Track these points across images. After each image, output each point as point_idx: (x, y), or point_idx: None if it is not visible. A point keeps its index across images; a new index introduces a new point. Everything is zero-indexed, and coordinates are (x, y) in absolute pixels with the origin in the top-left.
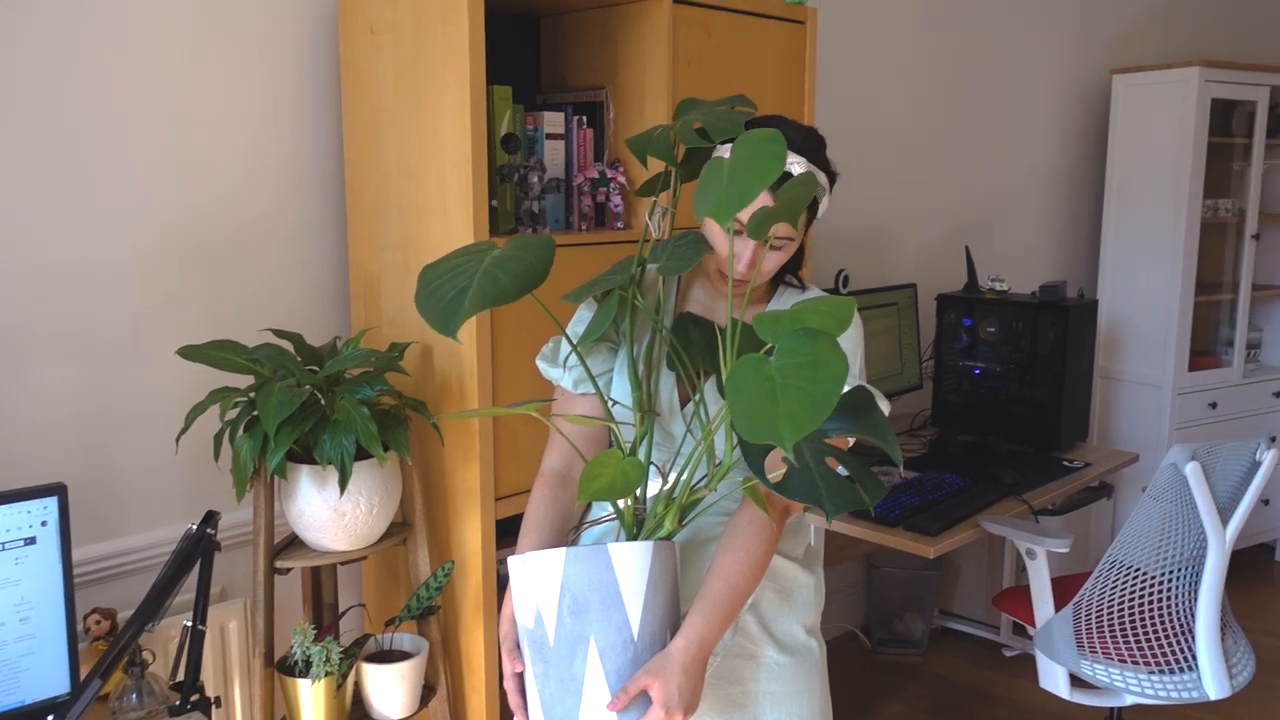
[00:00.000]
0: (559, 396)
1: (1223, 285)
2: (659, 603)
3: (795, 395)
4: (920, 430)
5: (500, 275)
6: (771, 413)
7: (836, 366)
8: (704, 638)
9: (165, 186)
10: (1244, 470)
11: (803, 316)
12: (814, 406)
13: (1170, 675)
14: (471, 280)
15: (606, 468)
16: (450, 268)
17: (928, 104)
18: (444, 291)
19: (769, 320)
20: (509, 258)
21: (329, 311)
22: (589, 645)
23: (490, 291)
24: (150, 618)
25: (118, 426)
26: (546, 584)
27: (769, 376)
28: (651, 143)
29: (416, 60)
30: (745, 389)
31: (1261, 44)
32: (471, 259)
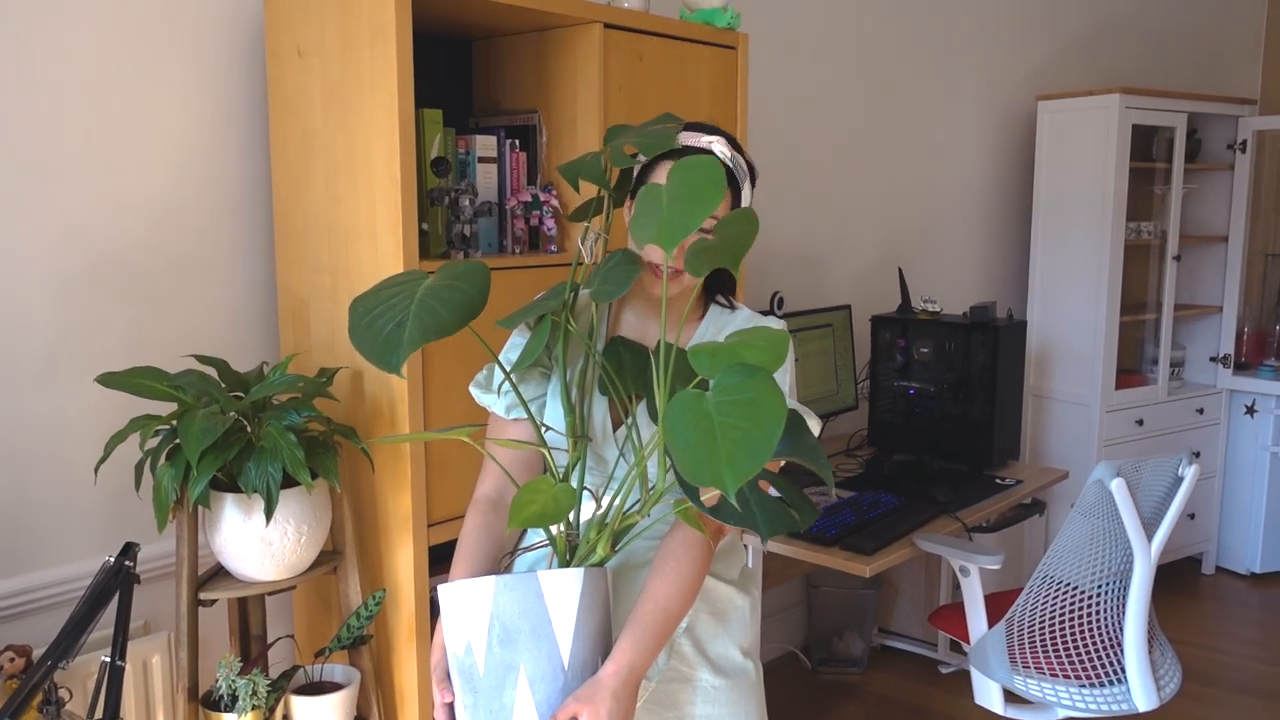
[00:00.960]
0: (492, 423)
1: (1147, 305)
2: (590, 630)
3: (735, 436)
4: (857, 450)
5: (438, 307)
6: (712, 455)
7: (776, 406)
8: (634, 663)
9: (84, 208)
10: (1168, 485)
11: (739, 351)
12: (754, 449)
13: (1100, 688)
14: (408, 313)
15: (538, 494)
16: (382, 300)
17: (859, 129)
18: (380, 325)
19: (705, 354)
20: (444, 287)
21: (257, 337)
22: (519, 674)
23: (430, 324)
24: (65, 654)
25: (33, 456)
26: (476, 613)
27: (707, 414)
28: (583, 167)
29: (345, 82)
30: (683, 428)
31: (1179, 72)
32: (404, 289)
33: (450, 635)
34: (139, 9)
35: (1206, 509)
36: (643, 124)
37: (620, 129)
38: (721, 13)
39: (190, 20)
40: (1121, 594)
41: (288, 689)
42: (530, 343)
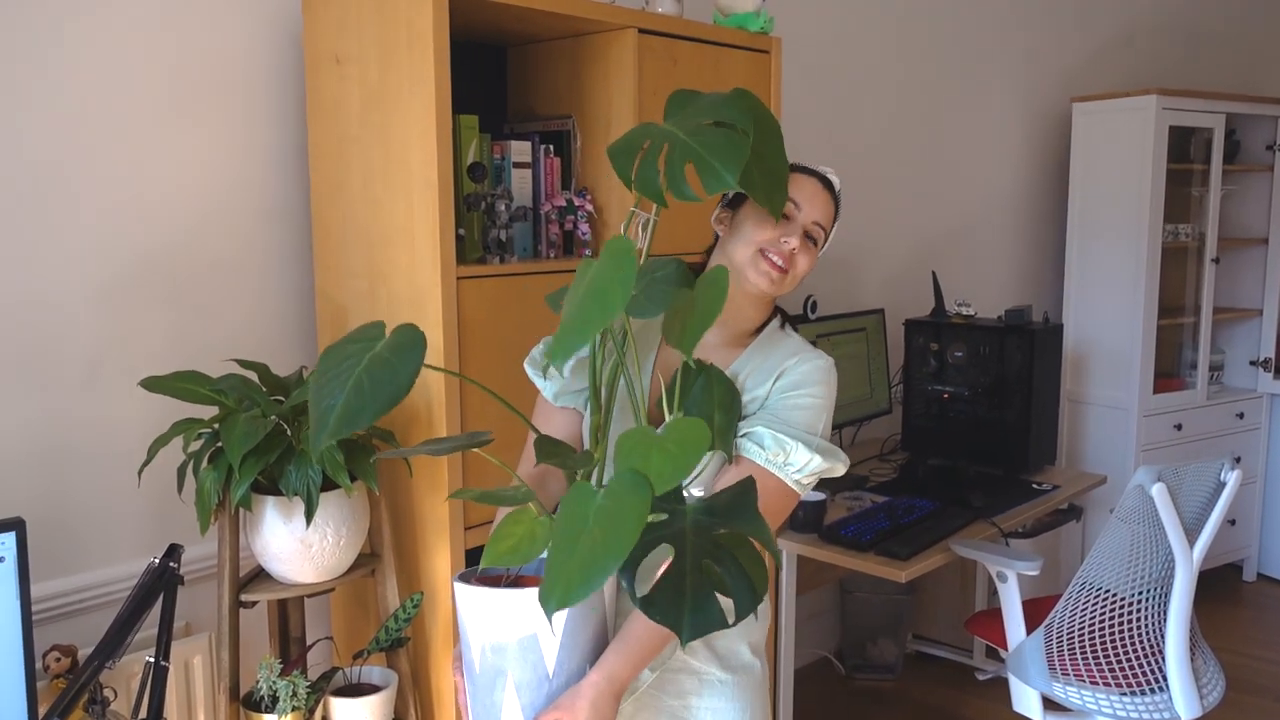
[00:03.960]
0: (539, 403)
1: (1185, 309)
2: (579, 640)
3: (584, 552)
4: (890, 454)
5: (365, 384)
6: (565, 562)
7: (626, 538)
8: (616, 674)
9: (126, 216)
10: (1209, 491)
11: (649, 455)
12: (587, 575)
13: (1141, 696)
14: (345, 387)
15: (518, 526)
16: (340, 360)
17: (892, 132)
18: (322, 398)
19: (634, 437)
20: (382, 360)
21: (295, 341)
22: (506, 679)
23: (351, 414)
24: (111, 654)
25: (78, 460)
26: (470, 618)
27: (585, 517)
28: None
29: (382, 89)
30: (565, 521)
31: (1217, 73)
32: (355, 353)
33: (459, 625)
34: (180, 18)
35: (1247, 515)
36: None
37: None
38: (755, 17)
39: (231, 29)
40: (1162, 601)
41: (327, 690)
42: None
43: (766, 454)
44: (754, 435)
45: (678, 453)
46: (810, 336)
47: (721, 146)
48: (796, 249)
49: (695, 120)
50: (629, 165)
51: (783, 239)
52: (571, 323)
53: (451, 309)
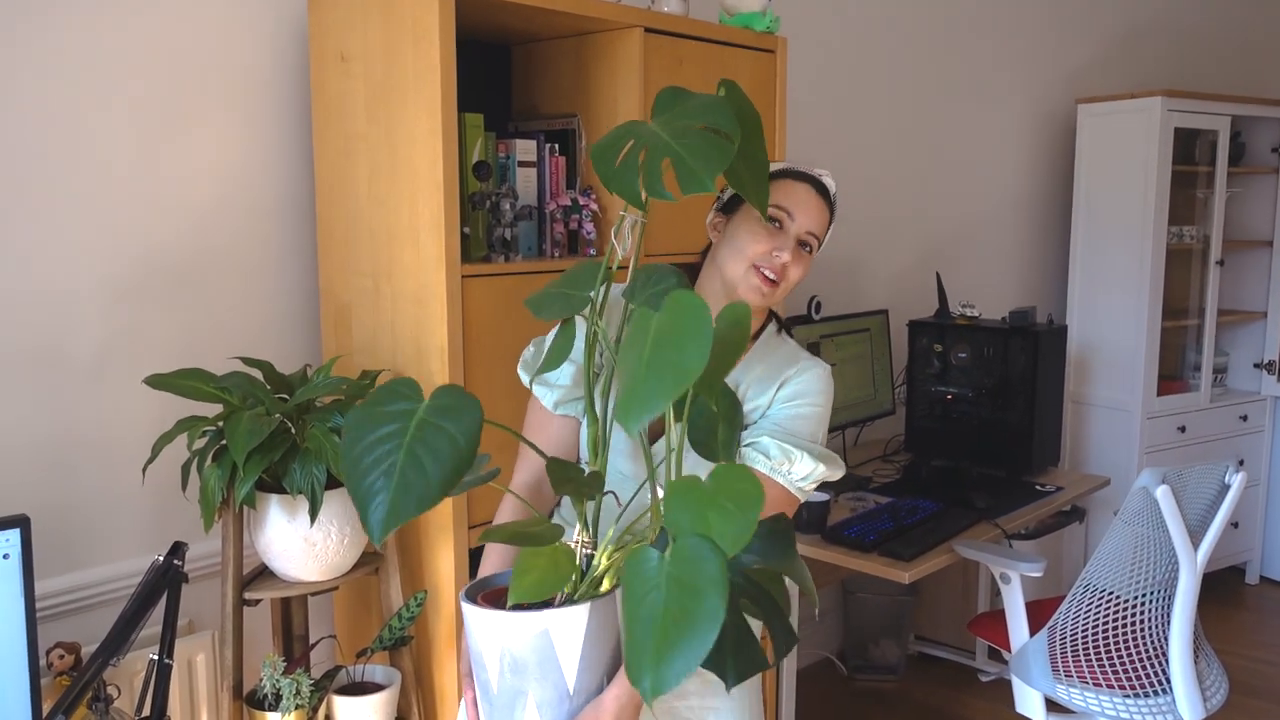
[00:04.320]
0: (534, 409)
1: (1189, 311)
2: (596, 656)
3: (672, 636)
4: (894, 455)
5: (425, 460)
6: (651, 645)
7: (712, 616)
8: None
9: (132, 214)
10: (1214, 493)
11: (707, 517)
12: (685, 657)
13: (1145, 698)
14: (393, 469)
15: (539, 558)
16: (375, 436)
17: (897, 132)
18: (367, 476)
19: (681, 492)
20: (431, 426)
21: (300, 339)
22: (527, 698)
23: (418, 496)
24: (115, 651)
25: (82, 457)
26: (487, 640)
27: (658, 587)
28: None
29: (388, 87)
30: (634, 589)
31: (1222, 74)
32: (400, 420)
33: (470, 645)
34: (187, 16)
35: (1250, 517)
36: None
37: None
38: (760, 17)
39: (236, 27)
40: (1166, 603)
41: (330, 689)
42: (554, 346)
43: (772, 463)
44: (759, 445)
45: (737, 512)
46: (814, 337)
47: (703, 149)
48: (789, 262)
49: (683, 122)
50: (610, 162)
51: (774, 253)
52: (640, 388)
53: (456, 307)
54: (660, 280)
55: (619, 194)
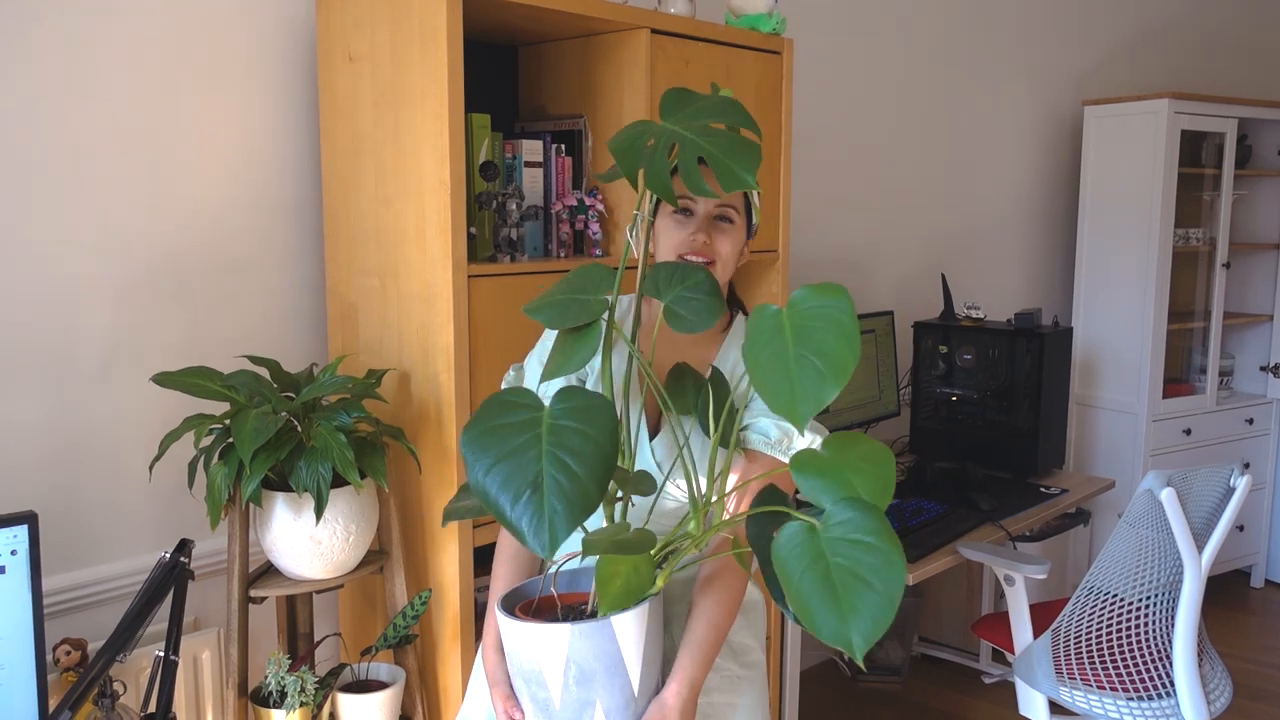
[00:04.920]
0: None
1: (1195, 313)
2: (653, 655)
3: (860, 591)
4: (899, 457)
5: (573, 465)
6: (834, 608)
7: (899, 560)
8: (695, 680)
9: (140, 212)
10: (1218, 496)
11: (846, 477)
12: (880, 611)
13: (1148, 701)
14: (539, 475)
15: (620, 564)
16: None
17: (904, 134)
18: (514, 484)
19: (808, 466)
20: (571, 431)
21: (306, 338)
22: (595, 708)
23: (578, 501)
24: (122, 647)
25: (90, 454)
26: (550, 654)
27: (822, 556)
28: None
29: (395, 87)
30: (795, 569)
31: (1229, 77)
32: (527, 427)
33: (519, 664)
34: (194, 15)
35: (1256, 521)
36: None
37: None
38: (767, 18)
39: (244, 26)
40: (1170, 606)
41: (335, 686)
42: (569, 349)
43: (772, 443)
44: (757, 427)
45: (875, 469)
46: None
47: (735, 148)
48: (709, 240)
49: (699, 121)
50: (634, 162)
51: (690, 238)
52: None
53: (462, 307)
54: (688, 276)
55: (652, 189)
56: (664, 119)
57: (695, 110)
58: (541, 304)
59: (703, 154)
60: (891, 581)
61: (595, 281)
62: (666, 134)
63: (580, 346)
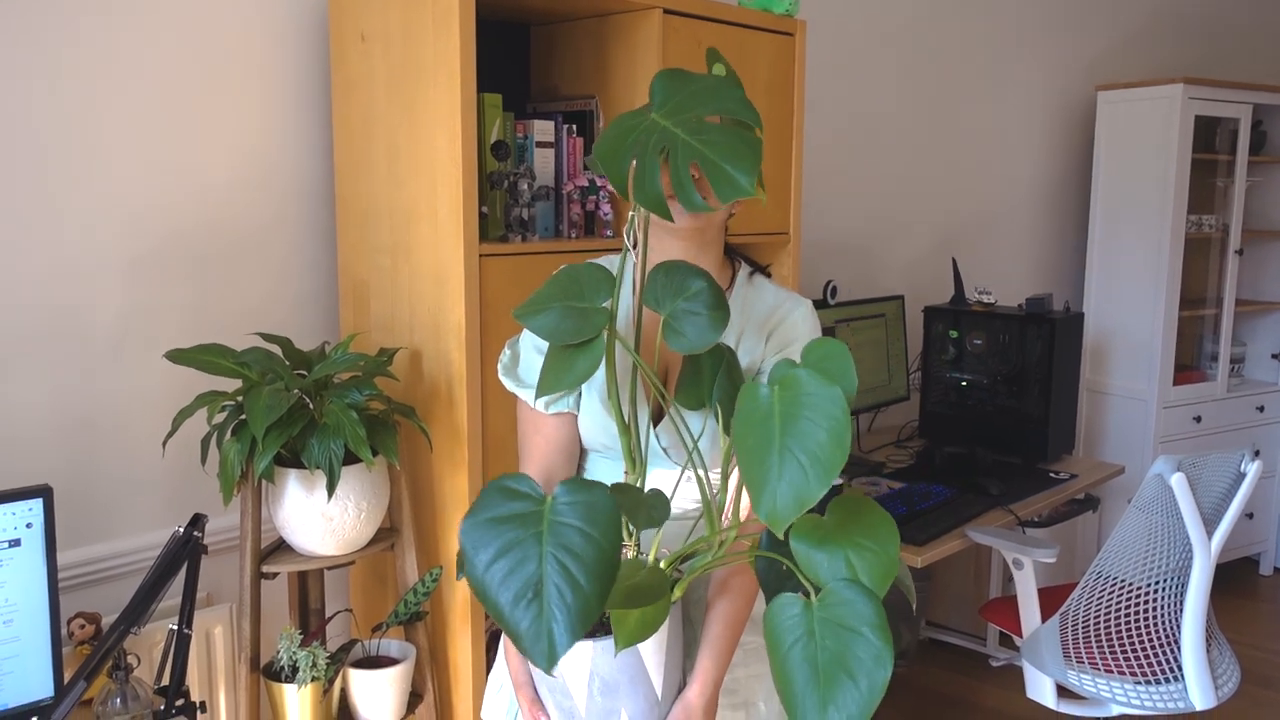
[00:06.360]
0: (525, 409)
1: (1206, 300)
2: (674, 660)
3: (842, 684)
4: (907, 441)
5: (575, 571)
6: (815, 696)
7: (887, 659)
8: (716, 679)
9: (152, 191)
10: (1229, 482)
11: (845, 552)
12: (862, 706)
13: (1156, 686)
14: (540, 581)
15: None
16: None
17: (915, 117)
18: (513, 584)
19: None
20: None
21: (317, 316)
22: (620, 716)
23: (578, 613)
24: (136, 621)
25: (103, 430)
26: (573, 668)
27: (811, 634)
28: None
29: (407, 67)
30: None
31: (1244, 63)
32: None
33: (542, 674)
34: None
35: (1265, 508)
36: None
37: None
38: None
39: (256, 5)
40: (1179, 591)
41: (346, 662)
42: (575, 365)
43: None
44: None
45: (878, 549)
46: (829, 322)
47: (731, 147)
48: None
49: (692, 113)
50: (622, 170)
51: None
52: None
53: (474, 287)
54: (688, 283)
55: (645, 206)
56: (657, 110)
57: (689, 96)
58: (534, 311)
59: (696, 158)
60: (876, 678)
61: (592, 286)
62: (659, 135)
63: (581, 359)
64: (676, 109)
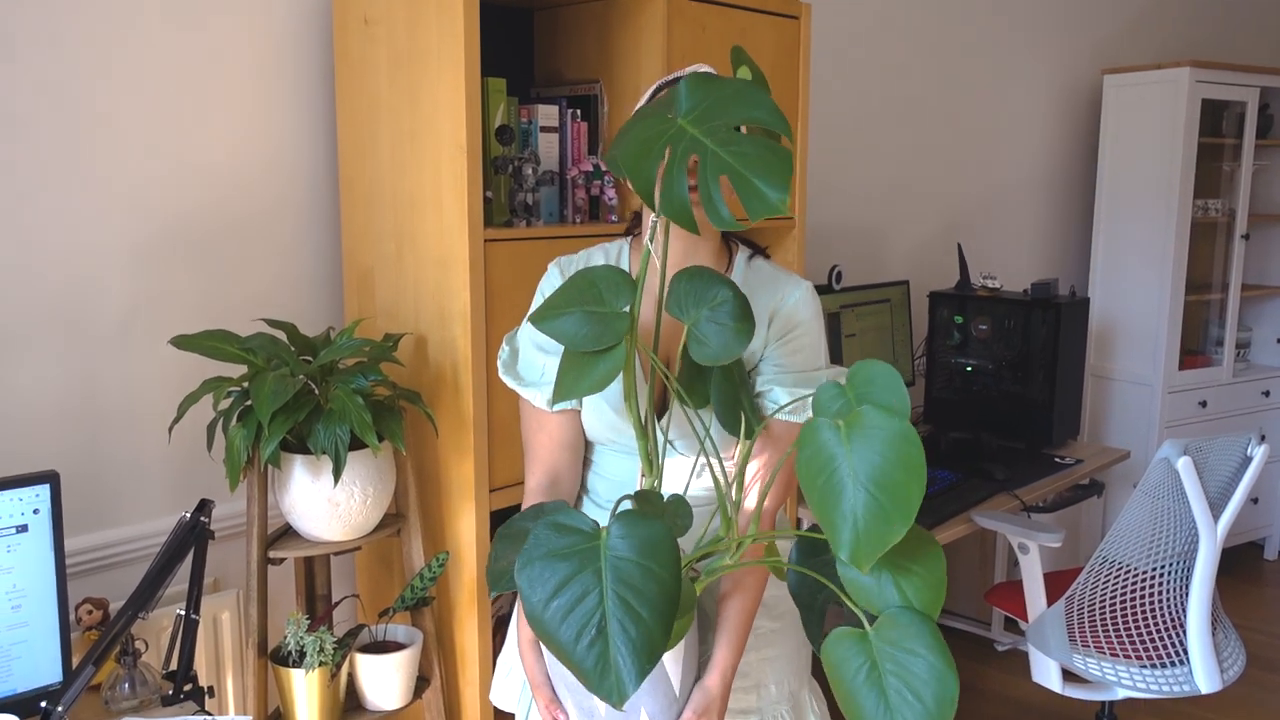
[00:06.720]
0: (528, 407)
1: (1213, 285)
2: (690, 656)
3: (913, 706)
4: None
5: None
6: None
7: (951, 679)
8: (733, 666)
9: (157, 176)
10: (1235, 466)
11: (898, 582)
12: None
13: (1162, 669)
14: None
15: None
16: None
17: (921, 102)
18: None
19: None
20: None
21: (322, 302)
22: (640, 714)
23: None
24: (144, 605)
25: (110, 416)
26: None
27: (874, 665)
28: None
29: (411, 51)
30: (847, 667)
31: (1251, 45)
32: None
33: (561, 674)
34: None
35: (1270, 493)
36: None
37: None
38: None
39: None
40: (1185, 575)
41: (353, 647)
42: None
43: (788, 410)
44: (770, 396)
45: (927, 574)
46: (834, 307)
47: (762, 160)
48: None
49: (722, 120)
50: (649, 177)
51: None
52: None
53: (479, 272)
54: (714, 293)
55: (671, 218)
56: (684, 116)
57: (715, 104)
58: (553, 315)
59: (727, 171)
60: (943, 695)
61: (612, 290)
62: (684, 141)
63: (601, 365)
64: (705, 115)
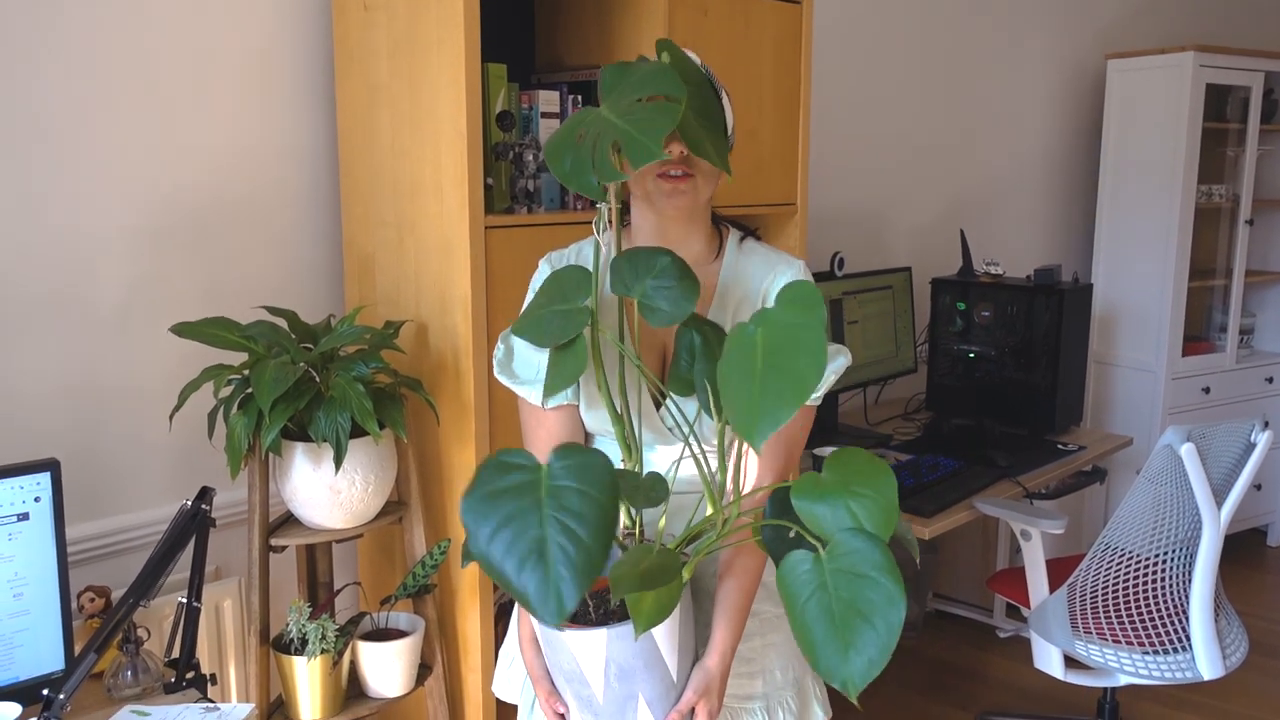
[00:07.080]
0: (525, 403)
1: (1216, 271)
2: (687, 640)
3: (859, 628)
4: (915, 413)
5: (577, 529)
6: (835, 643)
7: (899, 599)
8: (732, 646)
9: (157, 163)
10: (1238, 452)
11: (846, 502)
12: (880, 647)
13: (1164, 655)
14: (543, 538)
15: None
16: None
17: (923, 87)
18: (517, 550)
19: (808, 491)
20: (572, 491)
21: (323, 289)
22: (638, 700)
23: (583, 568)
24: (145, 593)
25: (110, 404)
26: (589, 656)
27: (824, 586)
28: (571, 176)
29: (411, 37)
30: (798, 591)
31: (1256, 29)
32: (526, 490)
33: (558, 665)
34: None
35: (1273, 479)
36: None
37: (617, 75)
38: None
39: None
40: (1187, 562)
41: (355, 634)
42: (562, 368)
43: None
44: None
45: (877, 496)
46: (836, 294)
47: (649, 119)
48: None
49: (629, 97)
50: (564, 165)
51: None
52: (761, 404)
53: (480, 259)
54: (652, 260)
55: (579, 191)
56: (603, 101)
57: (626, 86)
58: (524, 323)
59: (618, 135)
60: (891, 619)
61: (572, 286)
62: (597, 122)
63: (569, 360)
64: (617, 97)
